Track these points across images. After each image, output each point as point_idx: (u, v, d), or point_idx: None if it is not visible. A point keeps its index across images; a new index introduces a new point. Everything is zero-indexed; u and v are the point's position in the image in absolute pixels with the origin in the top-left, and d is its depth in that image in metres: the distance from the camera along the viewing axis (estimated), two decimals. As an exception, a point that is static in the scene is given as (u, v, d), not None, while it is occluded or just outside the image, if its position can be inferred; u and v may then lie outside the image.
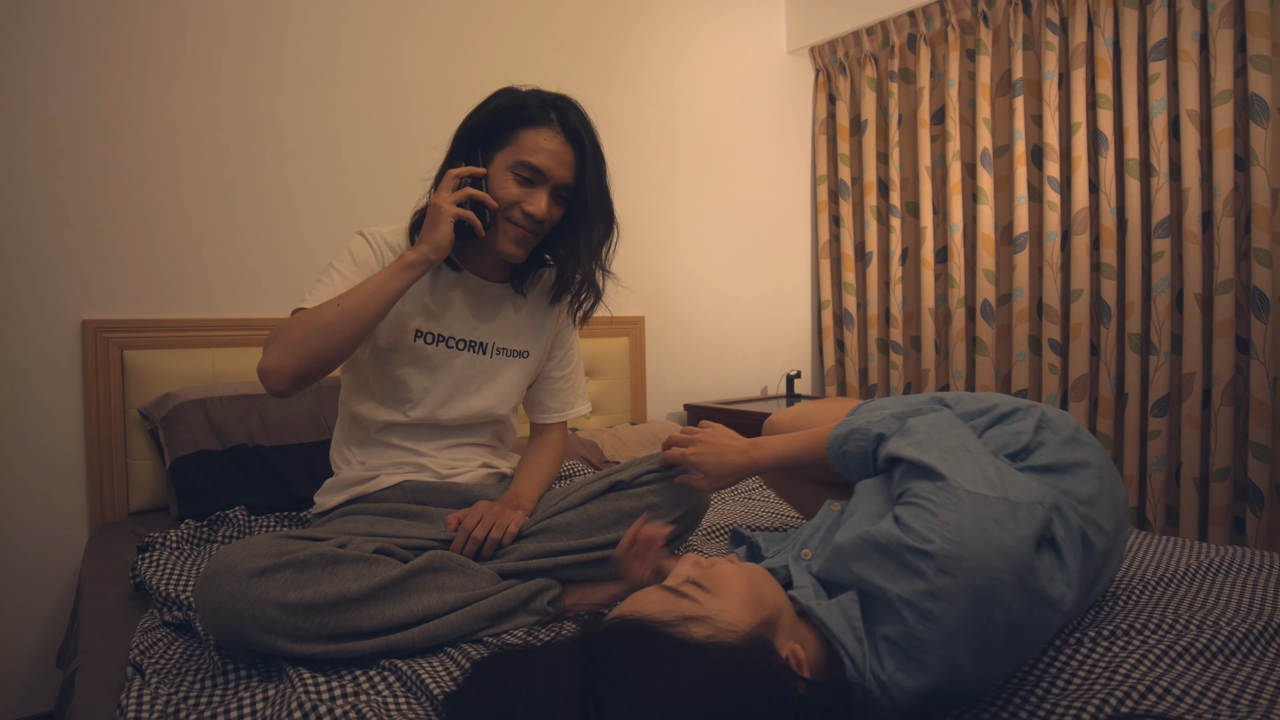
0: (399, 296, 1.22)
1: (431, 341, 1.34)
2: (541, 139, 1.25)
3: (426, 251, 1.21)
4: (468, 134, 1.29)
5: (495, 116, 1.27)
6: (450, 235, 1.21)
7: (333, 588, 0.97)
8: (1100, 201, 2.37)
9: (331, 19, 2.12)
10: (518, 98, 1.28)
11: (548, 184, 1.26)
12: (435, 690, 0.86)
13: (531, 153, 1.24)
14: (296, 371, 1.16)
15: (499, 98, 1.29)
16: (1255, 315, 2.07)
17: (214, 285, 1.96)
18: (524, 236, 1.28)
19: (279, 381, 1.17)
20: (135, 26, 1.85)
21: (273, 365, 1.16)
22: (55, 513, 1.78)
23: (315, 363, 1.17)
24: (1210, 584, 1.15)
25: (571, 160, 1.28)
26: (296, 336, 1.17)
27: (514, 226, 1.27)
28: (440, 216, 1.21)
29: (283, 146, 2.04)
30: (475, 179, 1.25)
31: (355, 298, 1.19)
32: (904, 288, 2.92)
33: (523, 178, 1.25)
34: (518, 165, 1.24)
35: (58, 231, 1.78)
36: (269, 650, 0.94)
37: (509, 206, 1.26)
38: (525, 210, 1.25)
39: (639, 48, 2.71)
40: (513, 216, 1.26)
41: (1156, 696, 0.78)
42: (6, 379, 1.73)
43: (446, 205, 1.21)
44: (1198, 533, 2.20)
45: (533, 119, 1.25)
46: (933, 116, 2.79)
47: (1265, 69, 2.04)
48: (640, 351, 2.69)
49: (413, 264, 1.21)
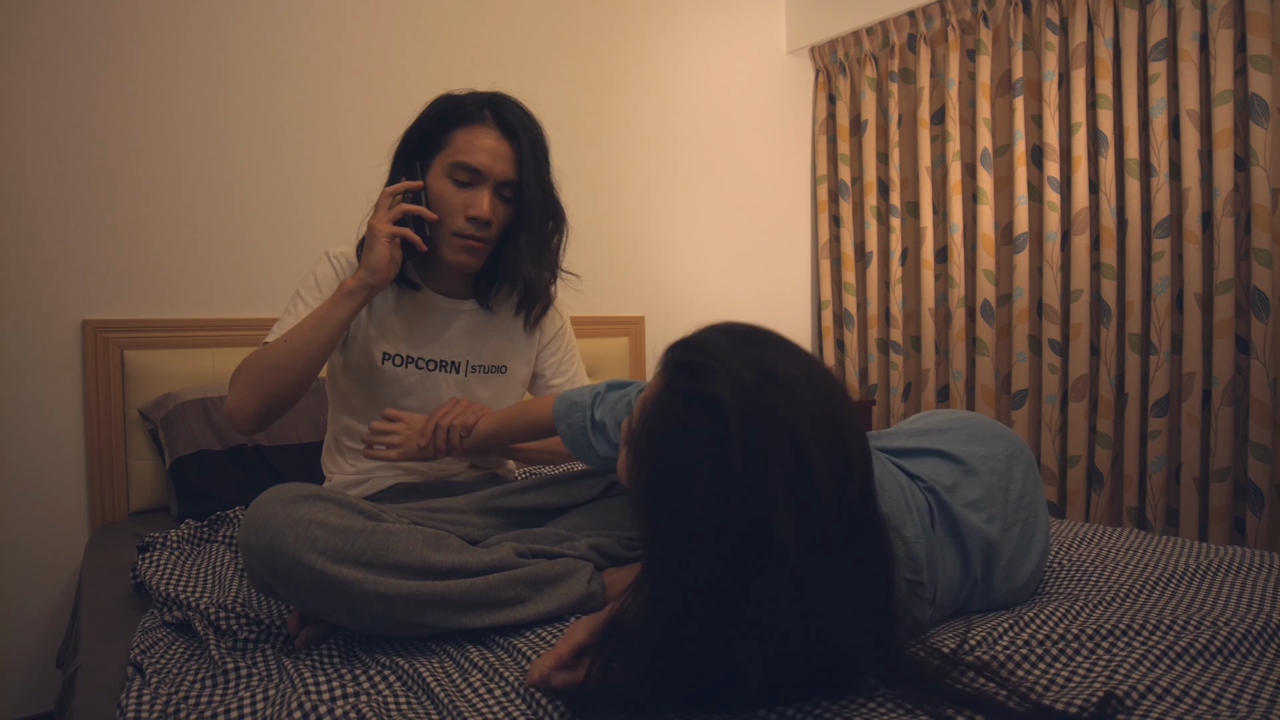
0: (345, 325, 1.20)
1: (400, 364, 1.32)
2: (475, 137, 1.21)
3: (365, 277, 1.18)
4: (405, 147, 1.27)
5: (429, 122, 1.24)
6: (386, 257, 1.18)
7: (374, 522, 0.95)
8: (1100, 201, 2.37)
9: (332, 20, 2.12)
10: (451, 100, 1.25)
11: (488, 183, 1.22)
12: (436, 690, 0.86)
13: (466, 152, 1.21)
14: (258, 412, 1.17)
15: (435, 103, 1.26)
16: (1255, 315, 2.07)
17: (214, 285, 1.96)
18: (472, 245, 1.23)
19: (243, 421, 1.18)
20: (136, 27, 1.85)
21: (234, 406, 1.18)
22: (55, 513, 1.78)
23: (274, 400, 1.18)
24: (1210, 584, 1.15)
25: (510, 155, 1.23)
26: (252, 376, 1.18)
27: (459, 236, 1.22)
28: (375, 239, 1.18)
29: (283, 147, 2.04)
30: (413, 194, 1.21)
31: (300, 333, 1.18)
32: (904, 288, 2.92)
33: (460, 181, 1.21)
34: (454, 167, 1.21)
35: (58, 231, 1.78)
36: (309, 570, 0.89)
37: (452, 215, 1.22)
38: (469, 215, 1.21)
39: (639, 48, 2.71)
40: (457, 226, 1.22)
41: (1156, 697, 0.78)
42: (6, 379, 1.73)
43: (380, 226, 1.18)
44: (1198, 533, 2.20)
45: (467, 117, 1.22)
46: (933, 116, 2.79)
47: (1265, 69, 2.04)
48: (640, 351, 2.69)
49: (352, 291, 1.19)
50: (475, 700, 0.84)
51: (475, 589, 0.97)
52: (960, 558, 0.99)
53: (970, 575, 1.00)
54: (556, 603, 1.01)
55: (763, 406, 0.69)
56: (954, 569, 0.99)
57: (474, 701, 0.84)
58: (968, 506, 1.00)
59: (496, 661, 0.92)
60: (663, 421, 0.72)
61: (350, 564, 0.91)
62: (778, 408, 0.69)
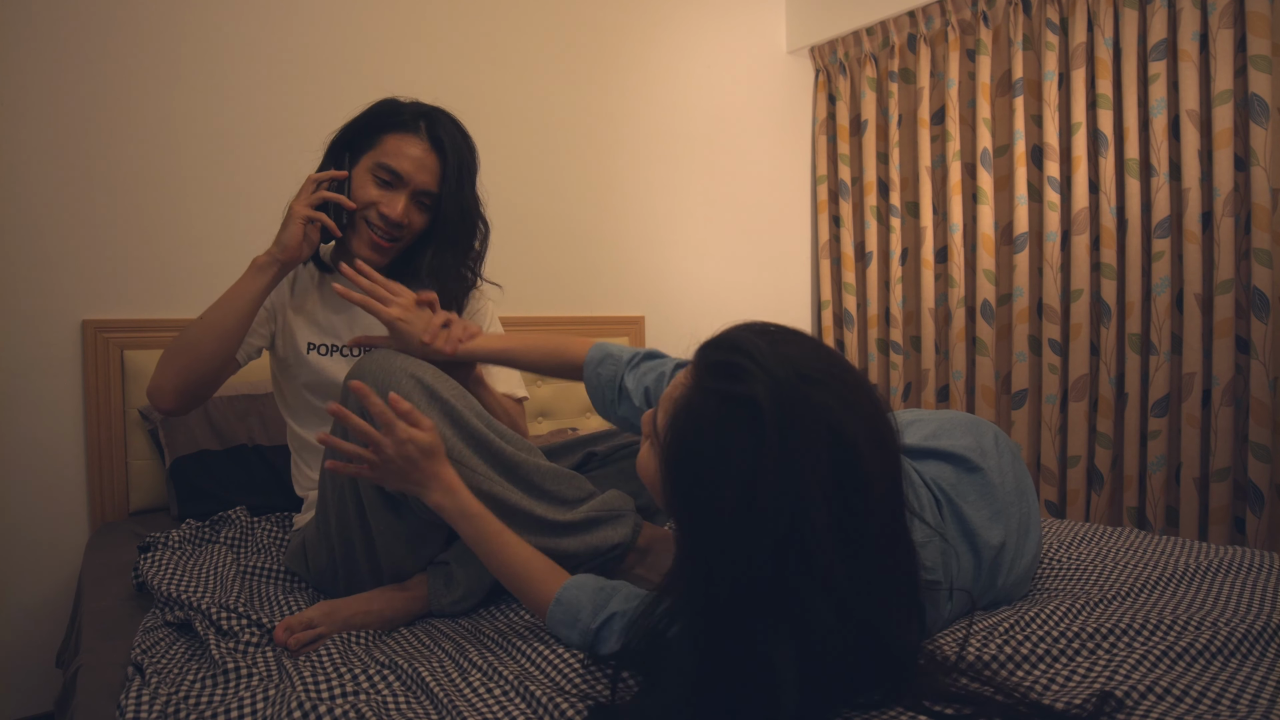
0: (258, 300, 1.24)
1: (325, 353, 1.35)
2: (404, 144, 1.29)
3: (275, 253, 1.25)
4: (340, 138, 1.33)
5: (366, 120, 1.31)
6: (299, 236, 1.25)
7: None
8: (1100, 201, 2.37)
9: (333, 21, 2.12)
10: (392, 105, 1.33)
11: (407, 189, 1.29)
12: (435, 689, 0.86)
13: (392, 156, 1.28)
14: (177, 388, 1.20)
15: (377, 105, 1.34)
16: (1255, 315, 2.07)
17: (214, 285, 1.94)
18: (378, 241, 1.30)
19: (162, 400, 1.21)
20: (137, 27, 1.85)
21: (154, 386, 1.21)
22: (55, 512, 1.79)
23: (190, 377, 1.20)
24: (1210, 584, 1.16)
25: (434, 167, 1.30)
26: (169, 354, 1.21)
27: (370, 229, 1.29)
28: (291, 218, 1.26)
29: (284, 146, 2.04)
30: (338, 182, 1.28)
31: (215, 309, 1.22)
32: (904, 288, 2.92)
33: (382, 180, 1.28)
34: (377, 167, 1.28)
35: (58, 231, 1.78)
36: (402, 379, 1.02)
37: (366, 208, 1.28)
38: (381, 212, 1.28)
39: (639, 48, 2.71)
40: (369, 218, 1.29)
41: (1156, 697, 0.78)
42: (6, 379, 1.73)
43: (298, 207, 1.26)
44: (1198, 533, 2.20)
45: (401, 124, 1.30)
46: (933, 116, 2.79)
47: (1265, 69, 2.04)
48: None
49: (262, 267, 1.24)
50: (474, 700, 0.84)
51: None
52: (973, 556, 0.99)
53: (981, 571, 1.00)
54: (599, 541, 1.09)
55: (801, 404, 0.69)
56: (968, 567, 0.99)
57: (473, 701, 0.84)
58: (972, 504, 1.01)
59: (495, 661, 0.92)
60: (698, 422, 0.72)
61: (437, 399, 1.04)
62: (817, 406, 0.69)
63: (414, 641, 1.06)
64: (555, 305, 2.54)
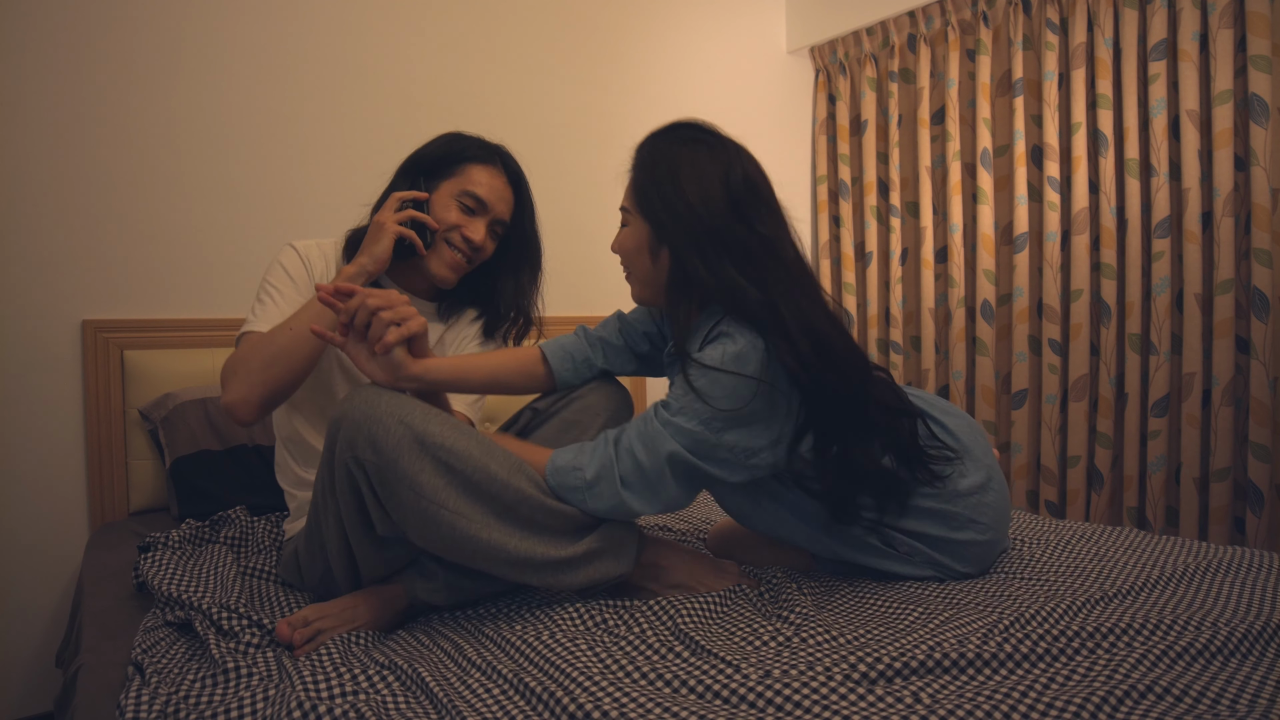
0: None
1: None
2: (486, 174, 1.35)
3: (365, 263, 1.26)
4: (414, 165, 1.37)
5: (443, 150, 1.36)
6: (390, 249, 1.27)
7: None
8: (1100, 201, 2.37)
9: (334, 19, 2.12)
10: (465, 138, 1.39)
11: (488, 215, 1.35)
12: (435, 689, 0.86)
13: (477, 184, 1.34)
14: (263, 400, 1.19)
15: (447, 136, 1.39)
16: (1255, 315, 2.07)
17: (214, 285, 1.96)
18: (458, 261, 1.35)
19: (248, 414, 1.19)
20: (136, 26, 1.85)
21: (239, 398, 1.18)
22: (55, 512, 1.79)
23: (280, 387, 1.20)
24: (1210, 584, 1.16)
25: (511, 200, 1.39)
26: (256, 366, 1.19)
27: (450, 250, 1.33)
28: (383, 231, 1.27)
29: (284, 146, 2.04)
30: (418, 203, 1.32)
31: (305, 318, 1.21)
32: (904, 288, 2.92)
33: (466, 207, 1.34)
34: (463, 194, 1.33)
35: (58, 231, 1.78)
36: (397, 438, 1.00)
37: (449, 230, 1.33)
38: (465, 235, 1.32)
39: (640, 48, 2.72)
40: (452, 240, 1.33)
41: (1156, 697, 0.78)
42: (6, 379, 1.73)
43: (389, 222, 1.27)
44: (1198, 533, 2.20)
45: (480, 156, 1.36)
46: (933, 116, 2.79)
47: (1265, 69, 2.04)
48: (640, 351, 2.69)
49: (352, 276, 1.26)
50: (473, 699, 0.84)
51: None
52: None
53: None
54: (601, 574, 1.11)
55: (722, 137, 1.22)
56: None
57: (472, 701, 0.84)
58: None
59: (495, 660, 0.92)
60: (664, 150, 1.20)
61: (420, 454, 1.02)
62: (729, 140, 1.23)
63: (413, 641, 1.06)
64: (555, 305, 2.51)
